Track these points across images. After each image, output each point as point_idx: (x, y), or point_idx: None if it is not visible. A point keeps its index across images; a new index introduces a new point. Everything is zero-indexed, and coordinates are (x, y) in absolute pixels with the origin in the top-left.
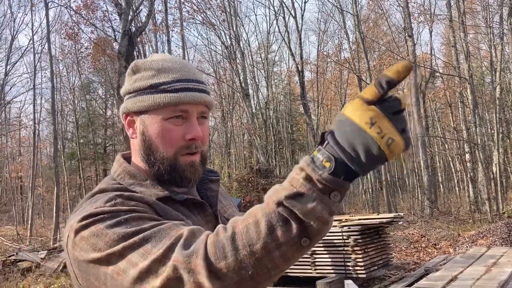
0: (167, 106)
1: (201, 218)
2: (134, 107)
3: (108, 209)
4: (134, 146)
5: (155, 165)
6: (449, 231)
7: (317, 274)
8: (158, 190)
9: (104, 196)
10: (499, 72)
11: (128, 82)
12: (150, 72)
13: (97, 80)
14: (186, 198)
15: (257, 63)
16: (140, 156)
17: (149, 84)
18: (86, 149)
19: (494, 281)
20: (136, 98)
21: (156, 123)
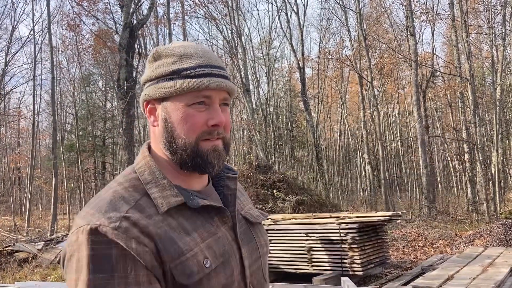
0: (190, 92)
1: (218, 219)
2: (156, 94)
3: (105, 237)
4: (155, 134)
5: (177, 152)
6: (447, 231)
7: (314, 270)
8: (174, 194)
9: (116, 200)
10: (500, 73)
11: (149, 69)
12: (172, 58)
13: (98, 72)
14: (201, 205)
15: (258, 59)
16: (162, 143)
17: (172, 70)
18: (85, 141)
19: (490, 281)
20: (158, 85)
21: (179, 109)
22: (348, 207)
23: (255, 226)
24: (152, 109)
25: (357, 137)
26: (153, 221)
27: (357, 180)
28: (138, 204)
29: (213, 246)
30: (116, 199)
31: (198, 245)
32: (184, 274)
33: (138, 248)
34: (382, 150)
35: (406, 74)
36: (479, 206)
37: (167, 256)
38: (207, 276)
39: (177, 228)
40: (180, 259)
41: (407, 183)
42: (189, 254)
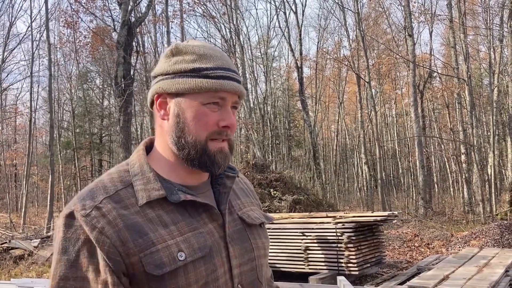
0: (207, 92)
1: (206, 216)
2: (171, 88)
3: (76, 222)
4: (163, 128)
5: (185, 148)
6: (443, 231)
7: (310, 269)
8: (156, 188)
9: (96, 189)
10: (497, 74)
11: (166, 63)
12: (192, 56)
13: (95, 70)
14: (182, 200)
15: (257, 58)
16: (171, 138)
17: (192, 67)
18: (82, 138)
19: (485, 282)
20: (175, 80)
21: (194, 106)
22: (344, 206)
23: (253, 227)
24: (163, 103)
25: (354, 137)
26: (128, 212)
27: (354, 180)
28: (116, 194)
29: (192, 241)
30: (97, 188)
31: (174, 238)
32: (153, 265)
33: (99, 238)
34: (379, 150)
35: (403, 75)
36: (475, 207)
37: (134, 247)
38: (183, 269)
39: (154, 220)
40: (149, 249)
41: (403, 184)
42: (160, 245)
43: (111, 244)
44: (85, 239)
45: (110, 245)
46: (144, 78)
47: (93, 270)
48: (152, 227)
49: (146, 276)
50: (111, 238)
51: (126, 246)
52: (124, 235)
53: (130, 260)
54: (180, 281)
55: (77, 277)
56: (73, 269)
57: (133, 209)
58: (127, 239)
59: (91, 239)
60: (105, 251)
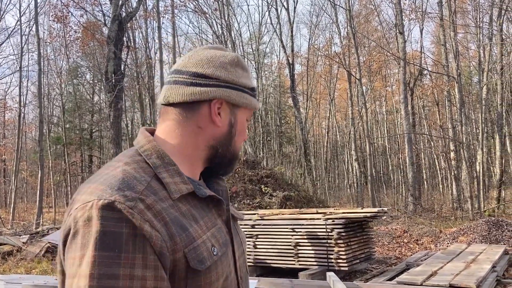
0: (251, 110)
1: (215, 211)
2: (236, 100)
3: (117, 214)
4: (205, 131)
5: (227, 154)
6: (431, 228)
7: (300, 265)
8: (184, 182)
9: (128, 179)
10: (486, 72)
11: (233, 73)
12: (248, 74)
13: (85, 65)
14: (208, 195)
15: (248, 54)
16: (217, 143)
17: (251, 86)
18: (72, 134)
19: (472, 277)
20: (239, 93)
21: (242, 120)
22: (335, 203)
23: (237, 222)
24: (219, 108)
25: (345, 134)
26: (166, 205)
27: (344, 177)
28: (150, 186)
29: (217, 236)
30: (128, 177)
31: (205, 233)
32: (196, 260)
33: (151, 232)
34: (370, 147)
35: (394, 72)
36: (464, 203)
37: (180, 242)
38: (215, 264)
39: (187, 214)
40: (192, 244)
41: (393, 180)
42: (199, 240)
43: (162, 239)
44: (129, 233)
45: (161, 240)
46: (135, 74)
47: (140, 266)
48: (188, 222)
49: (186, 272)
50: (161, 233)
51: (173, 241)
52: (171, 230)
53: (175, 256)
54: (213, 275)
55: (120, 275)
56: (115, 267)
57: (168, 202)
58: (174, 234)
59: (140, 233)
60: (158, 246)
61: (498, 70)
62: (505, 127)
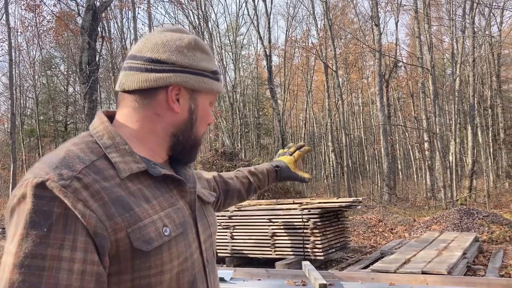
0: (215, 94)
1: (177, 192)
2: (194, 85)
3: (50, 193)
4: (164, 118)
5: (188, 141)
6: (406, 217)
7: (277, 255)
8: (135, 161)
9: (70, 158)
10: (459, 64)
11: (189, 57)
12: (208, 56)
13: (59, 56)
14: (162, 174)
15: (225, 45)
16: (177, 130)
17: (212, 69)
18: (46, 126)
19: (444, 264)
20: (199, 78)
21: (204, 105)
22: (312, 193)
23: (206, 205)
24: (175, 95)
25: (322, 125)
26: (109, 184)
27: (321, 168)
28: (93, 165)
29: (173, 216)
30: (70, 156)
31: (158, 213)
32: (141, 240)
33: (84, 212)
34: (346, 138)
35: (370, 64)
36: (437, 193)
37: (121, 221)
38: (168, 244)
39: (136, 194)
40: (137, 224)
41: (369, 171)
42: (147, 220)
43: (97, 219)
44: (61, 212)
45: (97, 220)
46: (110, 65)
47: (69, 248)
48: (135, 201)
49: (131, 253)
50: (96, 212)
51: (113, 221)
52: (110, 209)
53: (116, 236)
54: (165, 256)
55: (47, 255)
56: (42, 246)
57: (113, 181)
58: (114, 214)
59: (72, 213)
60: (92, 226)
61: (470, 62)
62: (477, 118)
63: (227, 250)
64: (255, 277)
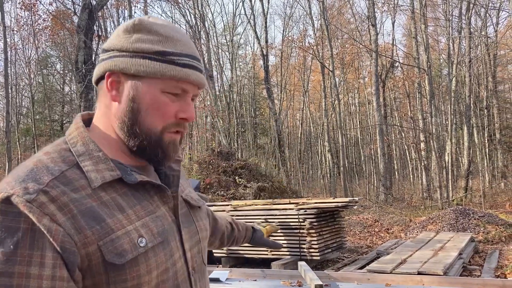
0: (170, 79)
1: (158, 198)
2: (130, 69)
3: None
4: (111, 110)
5: (137, 137)
6: (402, 217)
7: (273, 255)
8: (109, 168)
9: (38, 170)
10: (455, 65)
11: (126, 39)
12: (157, 37)
13: (55, 55)
14: (139, 181)
15: (222, 45)
16: (121, 123)
17: (157, 49)
18: (42, 125)
19: (440, 264)
20: (136, 60)
21: (152, 93)
22: (308, 193)
23: (195, 209)
24: (115, 82)
25: (318, 125)
26: (79, 195)
27: (317, 167)
28: (63, 175)
29: (150, 225)
30: (38, 168)
31: (133, 223)
32: (114, 253)
33: (50, 227)
34: (342, 138)
35: (366, 64)
36: (433, 193)
37: (92, 235)
38: (144, 256)
39: (109, 204)
40: (109, 237)
41: (365, 171)
42: (120, 232)
43: (65, 233)
44: (27, 228)
45: (64, 235)
46: None
47: (37, 264)
48: (108, 212)
49: (104, 266)
50: (64, 227)
51: (83, 234)
52: (79, 223)
53: (87, 250)
54: (142, 268)
55: (15, 273)
56: (9, 264)
57: (84, 192)
58: (83, 227)
59: (37, 228)
60: (59, 241)
61: (466, 62)
62: (472, 119)
63: (223, 251)
64: (251, 277)
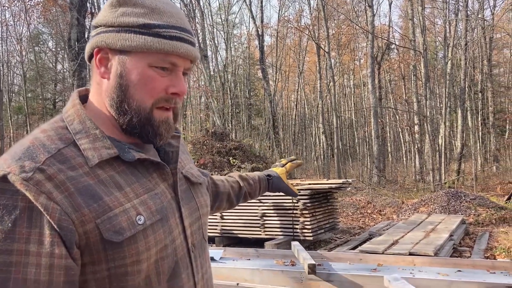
0: (156, 53)
1: (157, 176)
2: (115, 44)
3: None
4: (101, 87)
5: (127, 114)
6: (394, 199)
7: (266, 236)
8: (106, 146)
9: (34, 148)
10: (451, 47)
11: (111, 13)
12: (142, 9)
13: (47, 32)
14: (137, 158)
15: (217, 24)
16: (111, 100)
17: (142, 22)
18: (34, 103)
19: (431, 246)
20: (121, 35)
21: (140, 68)
22: (302, 175)
23: (196, 186)
24: (103, 59)
25: (313, 107)
26: (77, 173)
27: (311, 149)
28: (60, 153)
29: (149, 203)
30: (35, 146)
31: (131, 201)
32: (112, 231)
33: (47, 205)
34: (337, 120)
35: (362, 46)
36: (426, 175)
37: (89, 213)
38: (143, 233)
39: (107, 182)
40: (107, 214)
41: (359, 153)
42: (118, 210)
43: (62, 211)
44: (25, 206)
45: (61, 212)
46: None
47: (35, 242)
48: (106, 190)
49: (103, 244)
50: (61, 205)
51: (80, 212)
52: (76, 201)
53: (85, 228)
54: (140, 246)
55: (13, 250)
56: (8, 241)
57: (81, 170)
58: (80, 205)
59: (35, 206)
60: (56, 219)
61: (462, 45)
62: (467, 102)
63: (217, 230)
64: (245, 256)
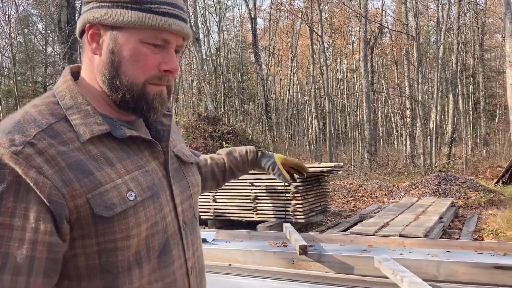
0: (149, 29)
1: (148, 153)
2: (108, 19)
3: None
4: (93, 63)
5: (119, 90)
6: (385, 182)
7: (259, 218)
8: (98, 122)
9: (25, 122)
10: (444, 32)
11: None
12: None
13: (37, 14)
14: (128, 135)
15: (209, 7)
16: (103, 76)
17: None
18: (24, 87)
19: (421, 228)
20: (113, 10)
21: (132, 43)
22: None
23: (187, 165)
24: (95, 34)
25: (306, 91)
26: (68, 148)
27: (304, 134)
28: (51, 128)
29: (140, 179)
30: (25, 120)
31: (122, 177)
32: (102, 206)
33: (37, 179)
34: (329, 105)
35: (355, 30)
36: (417, 159)
37: (80, 187)
38: (133, 209)
39: (98, 157)
40: (97, 190)
41: (351, 137)
42: (109, 185)
43: (52, 185)
44: (12, 180)
45: (51, 187)
46: None
47: (21, 216)
48: (97, 166)
49: (93, 219)
50: (51, 179)
51: (71, 187)
52: (67, 175)
53: (75, 203)
54: (131, 221)
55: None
56: None
57: (73, 145)
58: (71, 180)
59: (23, 181)
60: (46, 193)
61: (455, 30)
62: (458, 86)
63: (210, 213)
64: (237, 238)
